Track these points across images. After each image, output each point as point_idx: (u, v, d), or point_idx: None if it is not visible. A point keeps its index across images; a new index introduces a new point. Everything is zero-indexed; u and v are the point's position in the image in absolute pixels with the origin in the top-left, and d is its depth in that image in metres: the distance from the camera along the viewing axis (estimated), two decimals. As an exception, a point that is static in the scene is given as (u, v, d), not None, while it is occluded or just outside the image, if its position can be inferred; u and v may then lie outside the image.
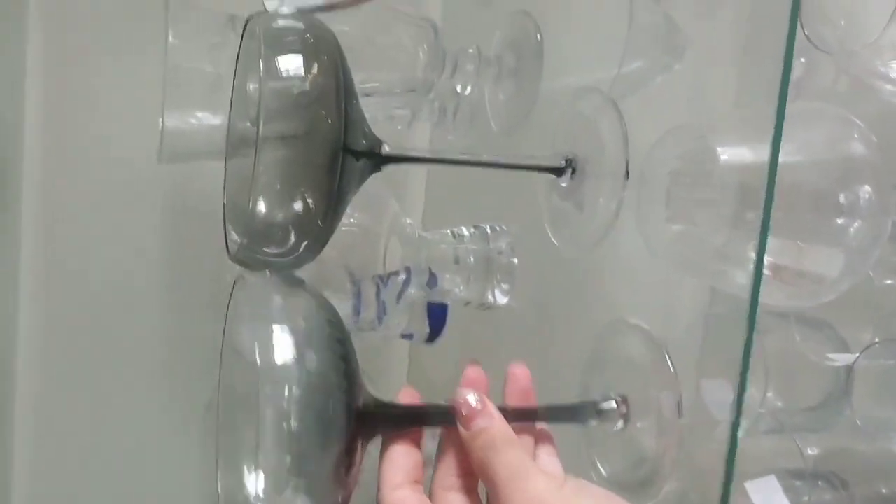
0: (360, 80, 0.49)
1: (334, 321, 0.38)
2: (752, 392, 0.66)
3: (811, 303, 0.56)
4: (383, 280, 0.59)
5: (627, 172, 0.46)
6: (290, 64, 0.35)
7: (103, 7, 0.62)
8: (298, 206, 0.37)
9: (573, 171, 0.45)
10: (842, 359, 0.59)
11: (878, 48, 0.51)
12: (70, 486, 0.67)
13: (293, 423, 0.33)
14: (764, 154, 0.48)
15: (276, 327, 0.35)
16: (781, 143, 0.50)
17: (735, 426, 0.42)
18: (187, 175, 0.60)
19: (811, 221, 0.51)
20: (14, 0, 0.62)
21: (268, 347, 0.34)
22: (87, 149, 0.63)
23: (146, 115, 0.54)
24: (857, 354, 0.58)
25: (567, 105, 0.47)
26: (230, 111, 0.41)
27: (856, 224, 0.50)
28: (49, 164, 0.63)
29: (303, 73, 0.35)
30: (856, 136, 0.48)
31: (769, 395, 0.69)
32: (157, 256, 0.65)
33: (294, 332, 0.35)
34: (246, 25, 0.38)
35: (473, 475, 0.38)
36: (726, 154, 0.46)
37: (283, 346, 0.34)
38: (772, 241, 0.51)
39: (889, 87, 0.53)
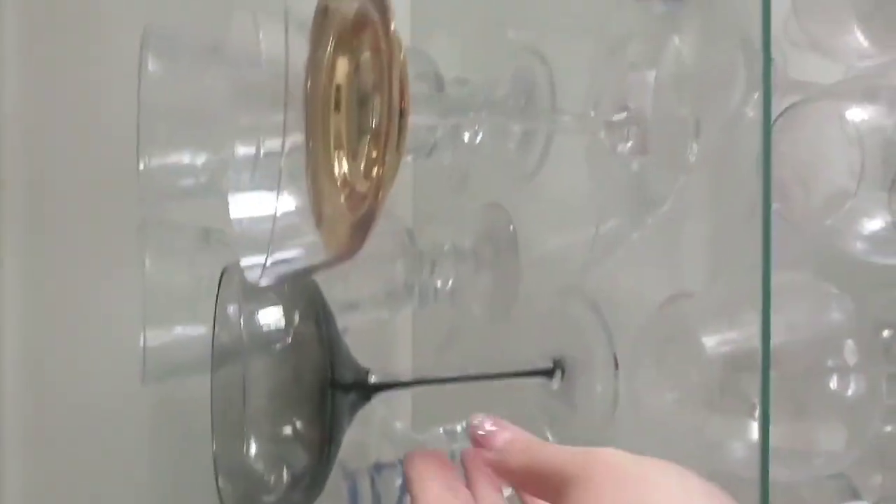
0: (343, 291, 0.49)
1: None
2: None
3: (820, 474, 0.55)
4: (378, 470, 0.58)
5: (616, 364, 0.46)
6: (271, 317, 0.35)
7: (80, 230, 0.63)
8: (293, 446, 0.37)
9: (563, 373, 0.45)
10: (856, 513, 0.58)
11: (849, 213, 0.52)
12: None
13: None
14: (748, 332, 0.48)
15: None
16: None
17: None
18: (171, 393, 0.59)
19: (805, 397, 0.51)
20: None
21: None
22: (68, 373, 0.62)
23: (126, 336, 0.53)
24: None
25: (549, 307, 0.47)
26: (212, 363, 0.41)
27: (850, 390, 0.50)
28: (29, 395, 0.62)
29: (283, 325, 0.35)
30: (833, 305, 0.49)
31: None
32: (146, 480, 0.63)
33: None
34: (223, 276, 0.38)
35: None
36: (711, 342, 0.46)
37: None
38: (774, 426, 0.51)
39: (860, 244, 0.54)
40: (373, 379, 0.40)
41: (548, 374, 0.45)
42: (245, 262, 0.32)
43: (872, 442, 0.64)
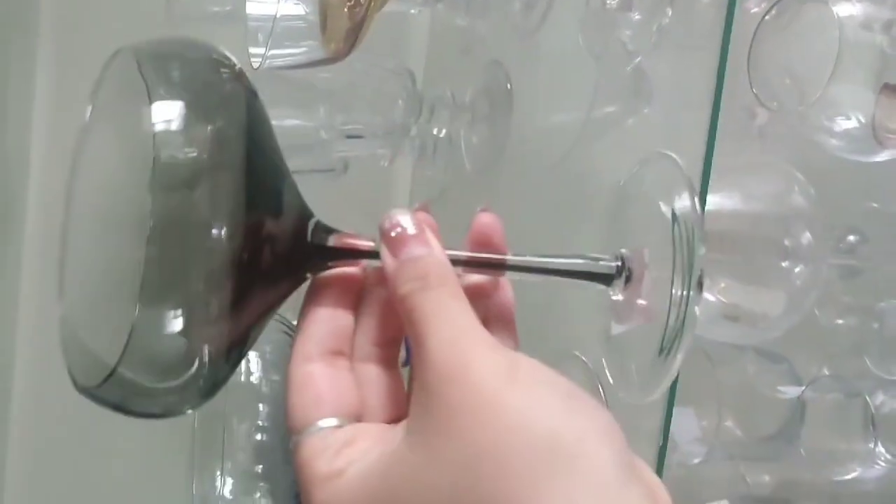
0: (344, 122, 0.53)
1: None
2: (707, 422, 0.70)
3: (759, 339, 0.60)
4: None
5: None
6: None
7: (106, 51, 0.67)
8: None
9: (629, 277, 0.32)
10: (790, 391, 0.63)
11: (823, 105, 0.55)
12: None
13: (263, 436, 0.35)
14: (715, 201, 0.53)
15: None
16: (727, 193, 0.54)
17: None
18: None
19: (759, 265, 0.55)
20: (24, 35, 0.66)
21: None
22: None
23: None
24: (803, 387, 0.62)
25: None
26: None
27: (798, 268, 0.54)
28: (52, 193, 0.68)
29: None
30: (796, 188, 0.53)
31: (727, 424, 0.73)
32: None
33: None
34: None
35: (396, 344, 0.31)
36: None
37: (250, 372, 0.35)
38: (724, 284, 0.55)
39: (834, 141, 0.57)
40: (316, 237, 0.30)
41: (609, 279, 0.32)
42: (252, 50, 0.36)
43: (820, 332, 0.69)
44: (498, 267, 0.30)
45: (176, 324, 0.27)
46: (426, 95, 0.56)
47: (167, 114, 0.27)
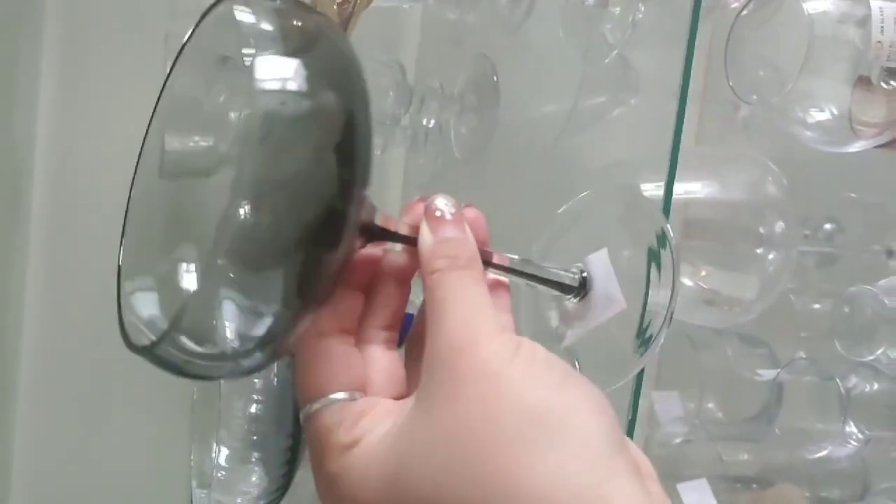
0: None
1: None
2: (689, 404, 0.72)
3: (734, 321, 0.63)
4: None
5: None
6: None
7: (111, 43, 0.69)
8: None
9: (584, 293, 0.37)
10: (766, 374, 0.65)
11: (798, 97, 0.57)
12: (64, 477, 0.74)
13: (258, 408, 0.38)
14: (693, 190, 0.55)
15: None
16: (706, 183, 0.57)
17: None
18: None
19: (735, 252, 0.58)
20: (28, 31, 0.69)
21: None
22: (92, 167, 0.70)
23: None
24: (779, 370, 0.64)
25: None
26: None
27: (771, 254, 0.57)
28: (57, 179, 0.70)
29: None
30: (770, 179, 0.55)
31: (710, 405, 0.75)
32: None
33: None
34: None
35: (396, 328, 0.33)
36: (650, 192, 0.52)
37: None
38: (704, 271, 0.58)
39: (808, 132, 0.59)
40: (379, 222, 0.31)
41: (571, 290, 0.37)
42: (243, 50, 0.38)
43: (796, 317, 0.71)
44: (484, 264, 0.32)
45: (246, 287, 0.27)
46: (417, 87, 0.59)
47: (288, 70, 0.28)
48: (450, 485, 0.27)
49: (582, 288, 0.36)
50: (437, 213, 0.31)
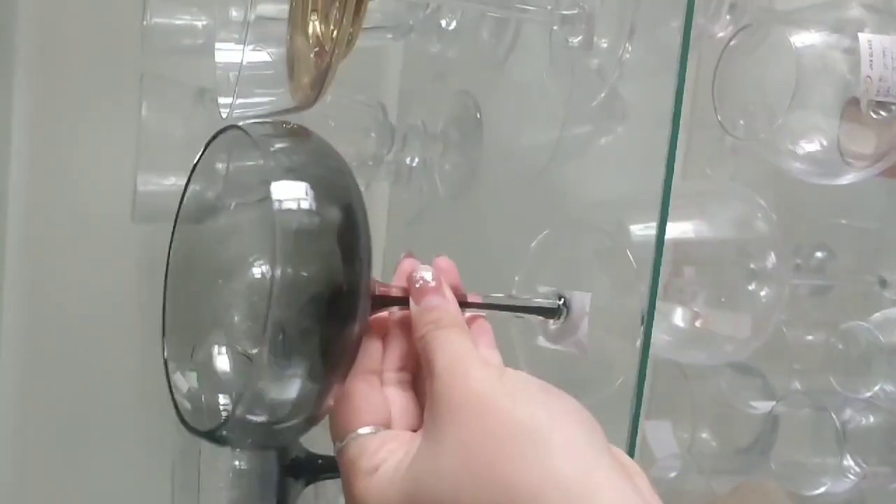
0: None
1: None
2: (682, 434, 0.71)
3: (726, 360, 0.61)
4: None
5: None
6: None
7: (86, 79, 0.67)
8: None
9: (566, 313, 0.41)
10: (761, 406, 0.64)
11: (786, 131, 0.56)
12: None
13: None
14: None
15: None
16: (695, 221, 0.56)
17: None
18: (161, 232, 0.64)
19: (727, 290, 0.57)
20: (1, 69, 0.67)
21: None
22: (67, 207, 0.69)
23: (123, 180, 0.59)
24: (774, 403, 0.63)
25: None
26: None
27: (764, 290, 0.56)
28: (31, 218, 0.69)
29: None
30: (759, 215, 0.54)
31: (703, 436, 0.74)
32: (133, 311, 0.69)
33: None
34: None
35: (411, 371, 0.38)
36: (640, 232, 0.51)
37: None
38: (696, 309, 0.56)
39: (798, 164, 0.58)
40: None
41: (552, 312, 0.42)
42: (221, 100, 0.37)
43: (792, 348, 0.70)
44: (463, 305, 0.38)
45: (294, 372, 0.33)
46: (399, 125, 0.57)
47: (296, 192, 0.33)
48: (460, 493, 0.32)
49: (560, 312, 0.41)
50: (418, 285, 0.36)
